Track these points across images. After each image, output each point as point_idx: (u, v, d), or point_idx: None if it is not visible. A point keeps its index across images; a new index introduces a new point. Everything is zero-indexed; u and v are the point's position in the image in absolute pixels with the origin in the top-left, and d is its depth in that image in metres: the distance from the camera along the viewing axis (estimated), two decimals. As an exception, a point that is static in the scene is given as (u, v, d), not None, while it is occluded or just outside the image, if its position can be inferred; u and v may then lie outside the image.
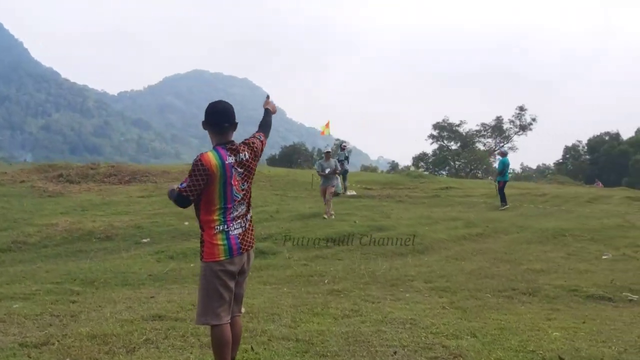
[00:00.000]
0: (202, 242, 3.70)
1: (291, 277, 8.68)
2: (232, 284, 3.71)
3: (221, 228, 3.63)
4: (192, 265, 9.47)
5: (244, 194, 3.76)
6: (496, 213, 16.26)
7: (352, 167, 30.87)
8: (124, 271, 8.71)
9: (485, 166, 62.35)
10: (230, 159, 3.62)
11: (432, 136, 64.93)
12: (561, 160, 76.42)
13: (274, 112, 4.57)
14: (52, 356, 4.44)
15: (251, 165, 3.79)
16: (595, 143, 74.65)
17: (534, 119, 61.84)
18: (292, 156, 75.35)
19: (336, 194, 19.10)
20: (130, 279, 8.21)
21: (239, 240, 3.70)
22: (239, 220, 3.73)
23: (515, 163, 73.02)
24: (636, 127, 75.35)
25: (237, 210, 3.71)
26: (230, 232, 3.65)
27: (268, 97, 4.63)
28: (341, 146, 20.65)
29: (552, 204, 18.54)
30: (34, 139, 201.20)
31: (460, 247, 11.66)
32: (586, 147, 76.11)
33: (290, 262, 9.97)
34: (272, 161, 66.91)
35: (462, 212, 16.21)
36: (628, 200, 18.63)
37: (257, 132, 4.21)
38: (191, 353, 4.59)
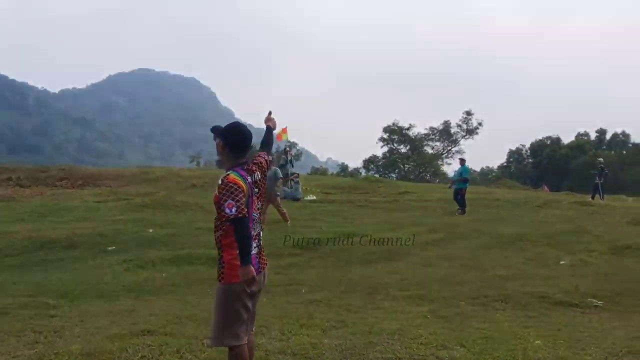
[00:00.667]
0: (221, 263, 3.70)
1: (268, 286, 8.67)
2: (250, 304, 3.75)
3: None
4: (164, 275, 9.36)
5: (259, 214, 3.85)
6: (455, 218, 16.71)
7: (302, 169, 31.04)
8: (96, 282, 8.54)
9: (433, 169, 63.86)
10: (249, 179, 3.70)
11: (382, 139, 65.76)
12: (505, 164, 79.03)
13: (274, 128, 4.59)
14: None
15: (262, 185, 3.88)
16: (538, 147, 77.58)
17: (480, 123, 63.76)
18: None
19: (296, 199, 19.23)
20: (104, 290, 8.06)
21: (257, 260, 3.75)
22: (256, 240, 3.78)
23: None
24: (576, 132, 78.73)
25: (255, 230, 3.76)
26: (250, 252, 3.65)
27: (270, 113, 4.64)
28: (284, 150, 20.82)
29: (505, 208, 19.18)
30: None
31: (426, 252, 11.93)
32: (529, 151, 79.05)
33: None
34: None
35: (423, 217, 16.58)
36: (576, 205, 19.46)
37: (260, 150, 4.25)
38: (192, 370, 4.58)
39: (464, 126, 64.30)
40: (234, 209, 3.47)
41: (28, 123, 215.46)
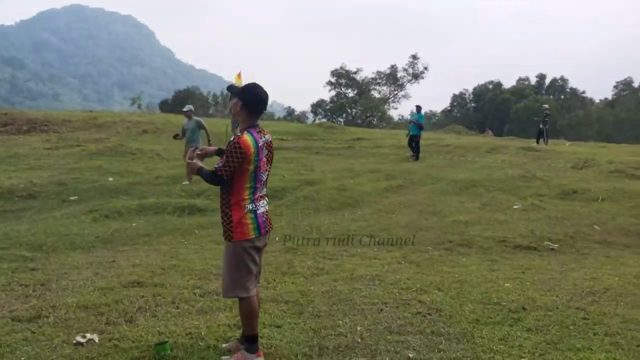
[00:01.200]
0: (230, 222, 3.82)
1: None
2: (258, 258, 3.94)
3: (250, 207, 3.80)
4: (133, 224, 9.34)
5: (267, 175, 3.96)
6: (410, 164, 17.19)
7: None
8: (67, 233, 8.45)
9: (380, 114, 64.46)
10: (261, 141, 3.79)
11: (330, 83, 65.57)
12: (449, 108, 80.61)
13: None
14: (56, 329, 4.43)
15: (271, 148, 3.98)
16: (480, 91, 79.35)
17: (426, 68, 64.40)
18: (186, 101, 73.22)
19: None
20: (78, 241, 8.01)
21: (265, 219, 3.91)
22: (262, 200, 3.93)
23: (407, 111, 76.12)
24: (517, 77, 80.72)
25: (261, 191, 3.92)
26: (257, 210, 3.84)
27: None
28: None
29: (456, 154, 19.85)
30: None
31: (386, 200, 12.34)
32: (472, 96, 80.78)
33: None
34: (165, 106, 64.66)
35: (378, 164, 16.96)
36: (523, 150, 20.32)
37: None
38: (194, 320, 4.74)
39: (410, 70, 64.81)
40: (220, 165, 3.69)
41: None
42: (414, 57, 64.22)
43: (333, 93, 65.57)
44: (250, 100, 3.80)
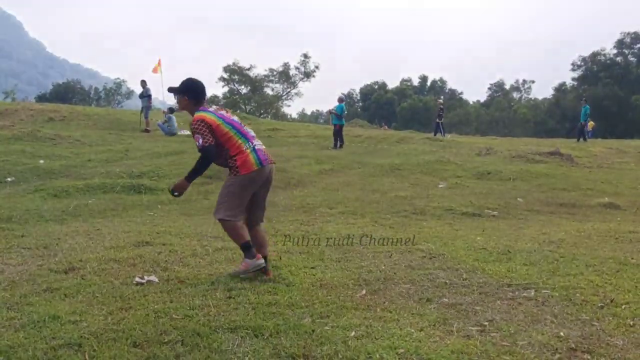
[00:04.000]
0: (235, 167, 4.42)
1: (207, 209, 8.96)
2: (251, 194, 4.53)
3: (250, 147, 4.46)
4: (90, 201, 9.15)
5: (246, 126, 4.66)
6: (332, 152, 17.89)
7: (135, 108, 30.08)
8: (27, 209, 8.14)
9: (274, 111, 65.03)
10: (218, 112, 4.52)
11: (222, 79, 65.06)
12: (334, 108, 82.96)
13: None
14: (101, 277, 4.51)
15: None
16: (367, 91, 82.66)
17: (317, 67, 65.73)
18: (66, 95, 69.22)
19: (172, 134, 19.00)
20: (47, 215, 7.80)
21: (264, 153, 4.56)
22: (257, 140, 4.61)
23: (298, 108, 77.44)
24: (400, 78, 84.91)
25: (250, 132, 4.61)
26: (255, 146, 4.52)
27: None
28: (142, 83, 20.32)
29: (369, 143, 20.89)
30: None
31: (325, 180, 12.92)
32: (359, 95, 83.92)
33: (186, 196, 10.13)
34: (42, 99, 60.91)
35: (303, 151, 17.49)
36: (428, 141, 21.80)
37: None
38: (226, 267, 4.99)
39: (302, 69, 65.77)
40: (200, 140, 4.32)
41: None
42: (306, 55, 65.23)
43: (226, 89, 65.16)
44: (190, 93, 4.55)
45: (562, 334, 3.40)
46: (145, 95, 19.94)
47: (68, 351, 3.00)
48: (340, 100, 20.01)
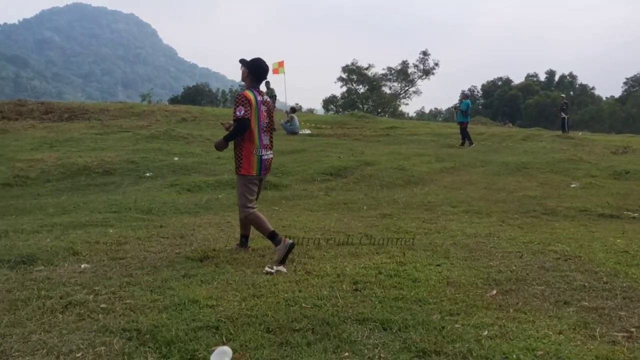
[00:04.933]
0: (240, 158, 5.18)
1: (328, 205, 9.15)
2: (256, 185, 5.31)
3: (258, 153, 5.16)
4: (220, 196, 9.62)
5: (267, 125, 5.31)
6: (455, 149, 17.47)
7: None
8: (164, 202, 8.74)
9: (392, 109, 64.73)
10: (259, 98, 5.19)
11: (341, 79, 65.82)
12: (458, 104, 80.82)
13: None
14: (233, 265, 4.72)
15: (270, 107, 5.41)
16: (489, 88, 79.65)
17: (436, 64, 64.56)
18: (196, 97, 73.59)
19: (294, 133, 19.53)
20: (182, 208, 8.31)
21: (266, 165, 5.31)
22: (268, 150, 5.30)
23: (416, 107, 76.49)
24: (526, 74, 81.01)
25: (265, 140, 5.25)
26: (262, 157, 5.21)
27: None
28: (266, 84, 20.96)
29: (493, 141, 20.13)
30: None
31: (446, 179, 12.62)
32: (481, 92, 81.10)
33: (309, 193, 10.41)
34: (175, 101, 65.06)
35: (422, 149, 17.24)
36: (557, 138, 20.62)
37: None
38: (352, 260, 5.02)
39: (421, 66, 64.90)
40: (242, 112, 5.01)
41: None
42: (425, 53, 64.33)
43: (344, 89, 65.83)
44: (253, 68, 5.21)
45: None
46: (270, 97, 20.66)
47: (207, 333, 3.17)
48: (465, 96, 19.49)
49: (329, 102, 65.91)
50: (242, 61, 5.31)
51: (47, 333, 3.26)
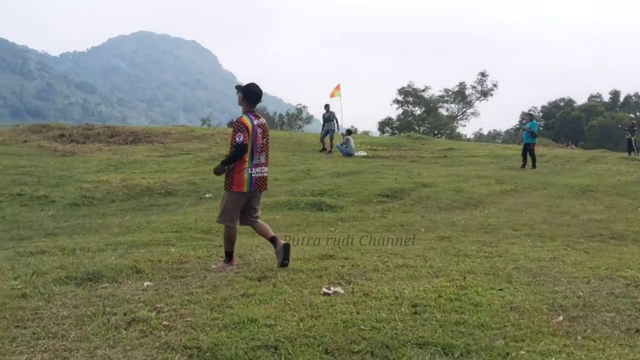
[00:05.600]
0: (231, 176, 5.50)
1: (385, 226, 9.10)
2: (243, 204, 5.64)
3: (248, 171, 5.48)
4: (277, 217, 9.71)
5: (262, 146, 5.64)
6: (515, 171, 17.06)
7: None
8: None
9: (449, 131, 63.94)
10: (255, 121, 5.55)
11: (396, 101, 65.63)
12: (518, 126, 79.01)
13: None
14: (291, 285, 4.72)
15: (266, 129, 5.74)
16: (549, 109, 77.53)
17: (495, 85, 63.58)
18: (254, 121, 75.11)
19: (349, 155, 19.57)
20: (240, 229, 8.37)
21: (257, 182, 5.59)
22: (259, 167, 5.60)
23: (474, 128, 75.29)
24: (589, 94, 78.54)
25: (259, 159, 5.58)
26: (252, 175, 5.53)
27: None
28: (325, 107, 21.18)
29: (555, 163, 19.53)
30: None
31: (507, 201, 12.30)
32: (541, 113, 79.02)
33: (365, 214, 10.37)
34: (232, 125, 66.46)
35: (481, 171, 16.91)
36: (624, 160, 19.83)
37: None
38: (408, 282, 4.94)
39: (479, 87, 64.02)
40: (242, 138, 5.39)
41: (30, 87, 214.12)
42: (483, 74, 63.38)
43: (400, 111, 65.59)
44: (247, 93, 5.60)
45: None
46: (331, 119, 20.83)
47: (266, 352, 3.17)
48: (531, 117, 19.06)
49: (384, 124, 65.73)
50: (238, 87, 5.74)
51: (112, 348, 3.35)
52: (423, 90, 65.21)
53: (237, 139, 5.39)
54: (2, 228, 8.85)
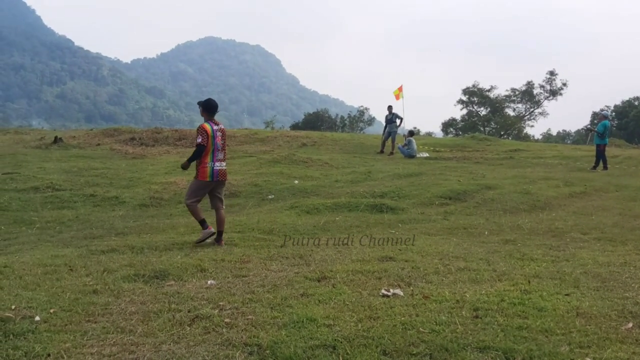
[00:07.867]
0: (198, 167, 7.12)
1: (447, 229, 8.95)
2: (206, 192, 7.36)
3: (211, 165, 7.10)
4: (337, 218, 9.75)
5: (222, 146, 7.27)
6: (585, 173, 16.44)
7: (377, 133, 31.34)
8: (284, 223, 9.01)
9: (516, 132, 62.12)
10: (215, 127, 7.20)
11: (461, 101, 64.35)
12: (589, 126, 75.87)
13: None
14: (350, 286, 4.74)
15: (224, 132, 7.39)
16: (623, 109, 73.95)
17: (564, 84, 61.26)
18: (316, 123, 75.53)
19: (411, 157, 19.38)
20: (300, 229, 8.54)
21: (218, 173, 7.19)
22: (219, 162, 7.21)
23: (542, 129, 72.75)
24: (666, 92, 74.36)
25: (219, 156, 7.19)
26: (214, 167, 7.14)
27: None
28: (388, 108, 21.00)
29: (628, 164, 18.66)
30: (50, 108, 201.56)
31: (576, 204, 11.86)
32: (614, 113, 75.50)
33: (426, 217, 10.25)
34: (295, 127, 67.09)
35: (549, 173, 16.37)
36: None
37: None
38: (469, 286, 4.85)
39: (547, 87, 61.89)
40: (200, 139, 7.00)
41: (103, 92, 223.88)
42: (552, 73, 61.27)
43: (464, 112, 64.32)
44: (205, 107, 7.26)
45: None
46: (393, 121, 20.69)
47: (324, 352, 3.21)
48: (603, 117, 18.32)
49: (448, 125, 64.61)
50: (199, 103, 7.31)
51: (176, 344, 3.48)
52: (489, 90, 63.67)
53: (198, 140, 6.98)
54: (76, 227, 9.31)
